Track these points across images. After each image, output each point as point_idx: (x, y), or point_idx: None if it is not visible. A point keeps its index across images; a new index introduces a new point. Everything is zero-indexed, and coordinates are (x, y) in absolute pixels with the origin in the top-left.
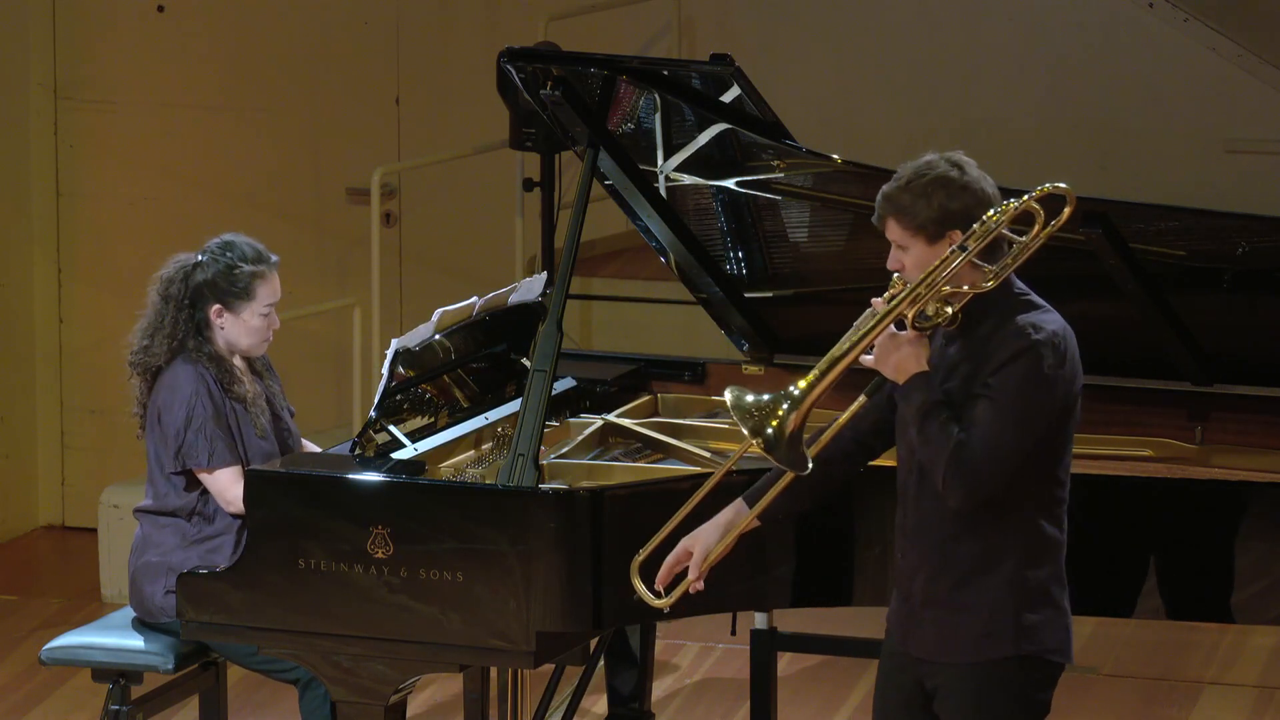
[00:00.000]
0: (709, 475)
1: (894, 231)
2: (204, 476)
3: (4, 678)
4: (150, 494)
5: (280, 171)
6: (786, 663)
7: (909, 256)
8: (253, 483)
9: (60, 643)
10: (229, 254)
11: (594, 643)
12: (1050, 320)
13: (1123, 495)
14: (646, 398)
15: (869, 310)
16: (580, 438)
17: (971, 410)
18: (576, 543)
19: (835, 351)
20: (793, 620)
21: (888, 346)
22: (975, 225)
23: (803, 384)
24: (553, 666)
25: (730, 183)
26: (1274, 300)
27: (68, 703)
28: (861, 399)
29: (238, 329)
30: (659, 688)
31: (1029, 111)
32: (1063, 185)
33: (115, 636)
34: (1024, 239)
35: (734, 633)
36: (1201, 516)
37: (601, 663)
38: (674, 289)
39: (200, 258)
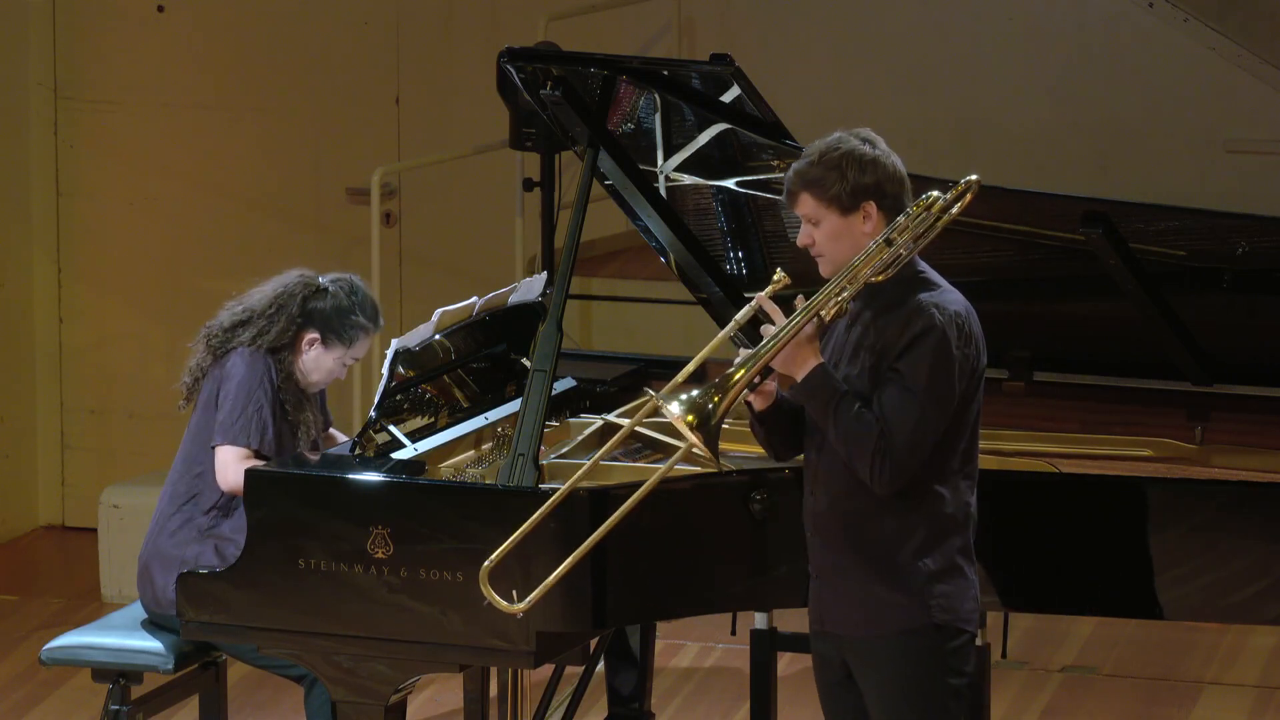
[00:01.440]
0: (709, 475)
1: (806, 206)
2: (219, 449)
3: (4, 678)
4: (181, 467)
5: (280, 171)
6: (786, 663)
7: (820, 230)
8: (253, 483)
9: (60, 643)
10: (354, 297)
11: (594, 643)
12: (953, 300)
13: (1123, 495)
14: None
15: (747, 308)
16: (580, 438)
17: (883, 394)
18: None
19: (758, 350)
20: (793, 620)
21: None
22: (900, 218)
23: (726, 377)
24: (553, 666)
25: (730, 183)
26: (1274, 300)
27: (68, 703)
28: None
29: (317, 364)
30: (659, 688)
31: (1029, 111)
32: (974, 178)
33: (115, 636)
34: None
35: (734, 633)
36: (1202, 516)
37: (601, 663)
38: (674, 289)
39: (326, 285)
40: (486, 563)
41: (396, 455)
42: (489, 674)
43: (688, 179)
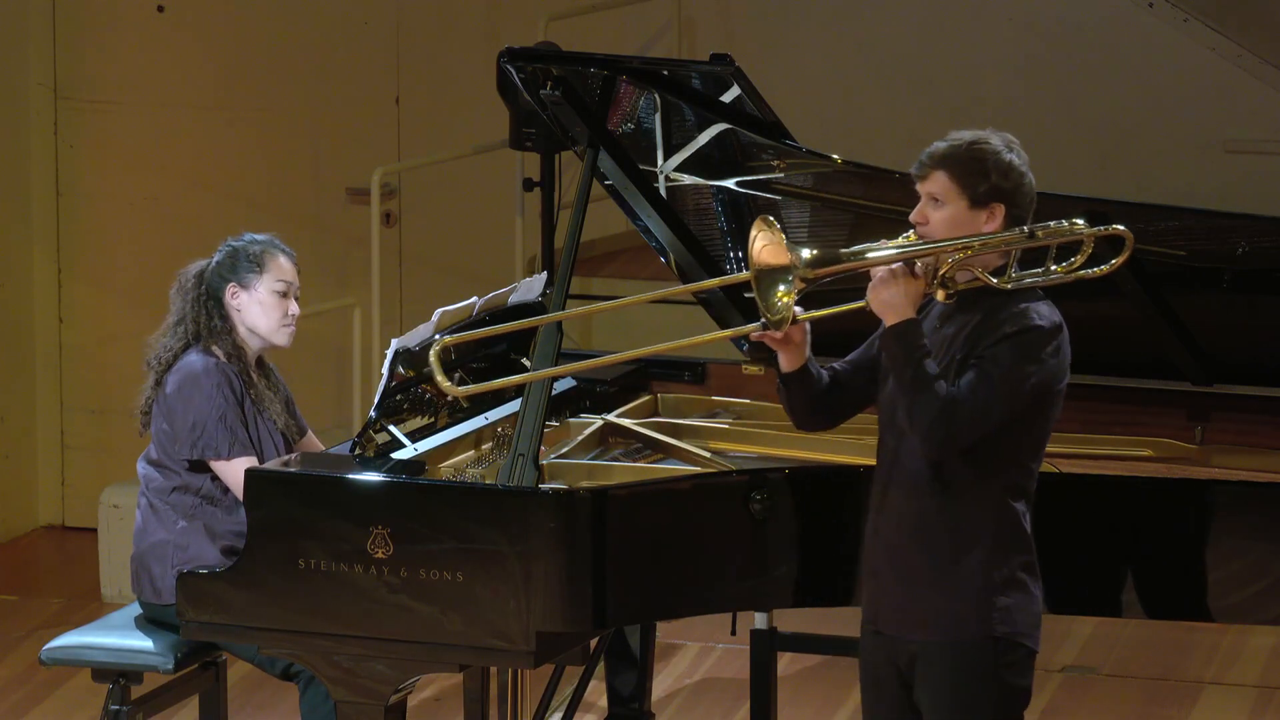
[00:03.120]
0: (709, 475)
1: (938, 184)
2: (220, 466)
3: (4, 678)
4: (153, 468)
5: (280, 171)
6: (786, 663)
7: (940, 213)
8: (252, 483)
9: (60, 643)
10: (238, 242)
11: (594, 643)
12: (1054, 314)
13: (1123, 495)
14: (646, 398)
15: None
16: (580, 438)
17: (963, 374)
18: (576, 543)
19: (873, 247)
20: (793, 620)
21: (887, 280)
22: (1052, 223)
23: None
24: (553, 666)
25: (730, 183)
26: (1274, 300)
27: (68, 703)
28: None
29: (253, 309)
30: (659, 688)
31: (1029, 111)
32: (1122, 228)
33: (115, 636)
34: (1056, 267)
35: (734, 633)
36: (1202, 516)
37: (601, 663)
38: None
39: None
40: (444, 339)
41: (396, 455)
42: (489, 674)
43: (688, 179)
